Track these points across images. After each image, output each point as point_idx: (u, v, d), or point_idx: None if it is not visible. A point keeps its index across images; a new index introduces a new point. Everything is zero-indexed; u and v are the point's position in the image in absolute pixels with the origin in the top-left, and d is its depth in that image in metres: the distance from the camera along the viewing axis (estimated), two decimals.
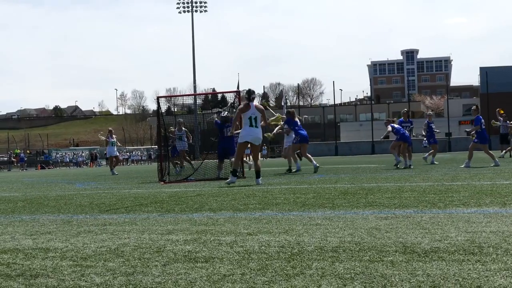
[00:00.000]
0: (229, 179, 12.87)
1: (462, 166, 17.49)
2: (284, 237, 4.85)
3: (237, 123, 14.31)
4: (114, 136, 28.15)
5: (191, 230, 5.55)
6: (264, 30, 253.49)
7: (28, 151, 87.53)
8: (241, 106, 13.41)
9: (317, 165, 18.14)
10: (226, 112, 18.29)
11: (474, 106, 19.62)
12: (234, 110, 19.09)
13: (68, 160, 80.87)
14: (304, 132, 18.84)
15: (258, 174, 13.07)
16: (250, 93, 13.21)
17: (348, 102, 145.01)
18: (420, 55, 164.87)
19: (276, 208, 7.27)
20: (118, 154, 29.72)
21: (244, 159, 18.71)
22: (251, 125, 13.05)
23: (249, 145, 13.37)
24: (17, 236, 5.66)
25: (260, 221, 5.99)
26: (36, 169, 69.50)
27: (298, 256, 4.00)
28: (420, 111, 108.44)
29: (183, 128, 22.61)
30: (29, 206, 9.35)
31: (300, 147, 18.89)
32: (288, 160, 19.70)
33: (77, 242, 5.07)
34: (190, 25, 76.04)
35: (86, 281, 3.53)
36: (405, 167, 18.48)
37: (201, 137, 28.48)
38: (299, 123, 19.27)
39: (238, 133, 13.64)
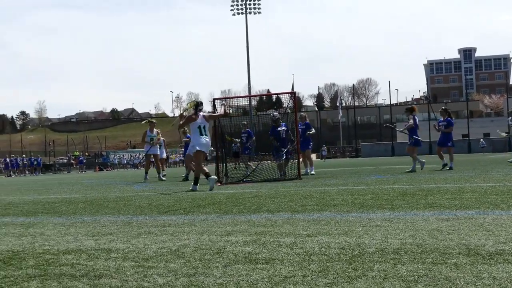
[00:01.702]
0: (191, 187, 13.26)
1: None
2: (344, 239, 4.81)
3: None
4: (156, 130, 22.14)
5: (250, 231, 5.57)
6: (318, 30, 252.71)
7: (86, 154, 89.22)
8: (189, 116, 13.83)
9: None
10: (276, 114, 18.45)
11: None
12: (289, 111, 19.13)
13: (125, 162, 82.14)
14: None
15: (196, 181, 13.36)
16: (197, 105, 13.77)
17: (404, 102, 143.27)
18: (478, 53, 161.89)
19: (334, 209, 7.23)
20: (158, 152, 22.31)
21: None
22: (201, 134, 13.48)
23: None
24: (80, 237, 5.77)
25: (319, 223, 5.96)
26: (94, 171, 70.77)
27: (359, 258, 3.97)
28: (478, 110, 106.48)
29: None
30: (89, 208, 9.52)
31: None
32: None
33: (138, 243, 5.14)
34: (244, 26, 76.31)
35: (149, 282, 3.57)
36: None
37: (256, 138, 28.53)
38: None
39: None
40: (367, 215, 6.50)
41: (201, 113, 13.63)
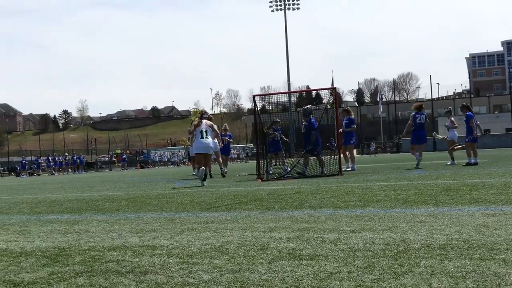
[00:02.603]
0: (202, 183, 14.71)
1: None
2: (389, 235, 4.78)
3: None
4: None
5: (293, 227, 5.56)
6: (358, 25, 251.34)
7: (128, 151, 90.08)
8: (195, 122, 16.26)
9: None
10: (307, 107, 18.22)
11: None
12: (328, 107, 19.01)
13: (166, 159, 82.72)
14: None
15: (205, 178, 14.81)
16: (202, 113, 16.55)
17: (446, 96, 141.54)
18: None
19: (378, 205, 7.18)
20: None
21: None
22: (201, 137, 15.53)
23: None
24: (124, 234, 5.83)
25: (362, 218, 5.93)
26: (135, 168, 71.41)
27: (404, 254, 3.93)
28: None
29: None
30: (132, 205, 9.62)
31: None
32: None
33: (182, 240, 5.17)
34: (283, 23, 76.10)
35: (194, 278, 3.59)
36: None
37: (296, 135, 28.45)
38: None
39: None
40: (411, 210, 6.44)
41: (204, 120, 15.80)
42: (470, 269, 3.41)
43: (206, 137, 15.50)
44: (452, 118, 21.60)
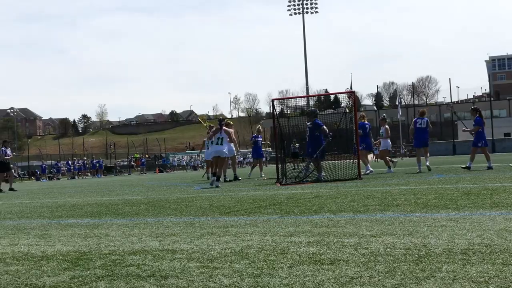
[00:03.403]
0: (214, 184, 16.29)
1: None
2: (409, 239, 4.75)
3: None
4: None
5: (313, 232, 5.55)
6: (376, 28, 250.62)
7: (146, 156, 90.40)
8: (214, 129, 18.16)
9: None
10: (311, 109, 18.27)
11: None
12: (347, 111, 18.96)
13: (184, 163, 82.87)
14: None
15: (218, 178, 16.68)
16: (220, 121, 17.85)
17: (465, 100, 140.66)
18: None
19: (398, 209, 7.14)
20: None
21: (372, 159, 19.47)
22: (216, 143, 17.32)
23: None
24: (144, 238, 5.85)
25: (382, 223, 5.90)
26: (154, 172, 71.60)
27: (426, 259, 3.91)
28: None
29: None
30: (152, 209, 9.65)
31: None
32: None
33: (202, 244, 5.17)
34: (301, 26, 75.98)
35: (214, 282, 3.59)
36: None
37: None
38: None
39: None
40: (432, 215, 6.40)
41: (222, 128, 17.25)
42: (493, 274, 3.38)
43: (221, 144, 17.14)
44: (387, 126, 21.99)
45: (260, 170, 23.86)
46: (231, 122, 22.42)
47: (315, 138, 16.70)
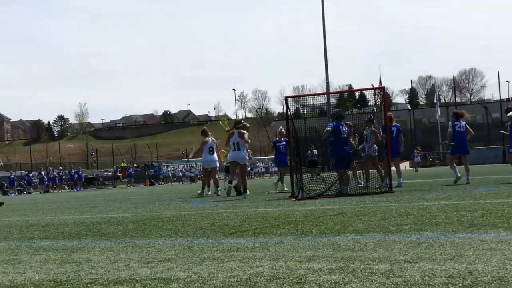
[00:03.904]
0: (229, 191, 18.79)
1: None
2: (452, 265, 4.74)
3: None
4: (210, 136, 23.32)
5: (335, 256, 5.54)
6: (410, 12, 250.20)
7: (135, 165, 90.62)
8: (231, 133, 19.67)
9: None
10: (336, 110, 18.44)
11: None
12: (375, 110, 18.96)
13: (180, 174, 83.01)
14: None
15: (245, 189, 18.71)
16: (236, 123, 19.98)
17: None
18: None
19: (437, 229, 7.13)
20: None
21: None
22: (233, 150, 19.34)
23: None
24: (132, 264, 5.84)
25: (419, 245, 5.89)
26: (144, 185, 71.83)
27: None
28: None
29: None
30: (141, 229, 9.66)
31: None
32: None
33: (202, 271, 5.17)
34: (320, 9, 75.96)
35: None
36: None
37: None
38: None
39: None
40: (478, 236, 6.38)
41: (237, 130, 19.28)
42: None
43: (238, 149, 19.22)
44: (374, 129, 19.94)
45: (281, 182, 23.86)
46: (248, 125, 22.45)
47: (338, 143, 16.74)
